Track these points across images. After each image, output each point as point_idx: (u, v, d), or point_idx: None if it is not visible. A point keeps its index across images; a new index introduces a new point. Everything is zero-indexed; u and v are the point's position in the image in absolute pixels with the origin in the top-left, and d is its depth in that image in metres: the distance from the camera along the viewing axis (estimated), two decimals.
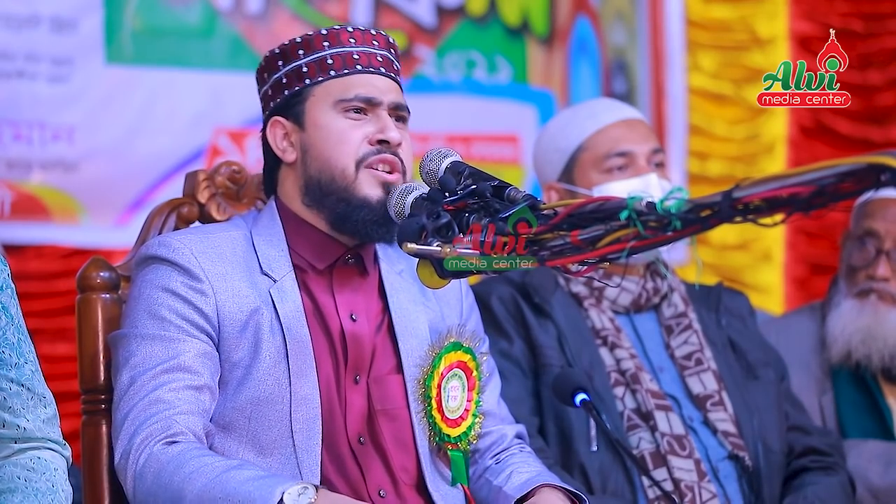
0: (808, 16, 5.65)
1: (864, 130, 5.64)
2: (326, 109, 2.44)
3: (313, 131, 2.45)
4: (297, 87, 2.46)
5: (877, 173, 1.61)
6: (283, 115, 2.48)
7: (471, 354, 2.48)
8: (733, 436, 2.89)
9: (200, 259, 2.40)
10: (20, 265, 4.08)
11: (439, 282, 2.02)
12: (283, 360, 2.37)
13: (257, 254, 2.45)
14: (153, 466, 2.26)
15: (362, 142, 2.43)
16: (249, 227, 2.49)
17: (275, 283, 2.42)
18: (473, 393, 2.48)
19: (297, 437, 2.36)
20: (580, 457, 2.82)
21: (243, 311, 2.39)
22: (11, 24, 4.17)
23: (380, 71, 2.47)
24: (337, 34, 2.46)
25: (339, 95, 2.44)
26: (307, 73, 2.46)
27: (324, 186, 2.43)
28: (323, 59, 2.45)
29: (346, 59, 2.45)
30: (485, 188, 2.06)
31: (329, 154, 2.43)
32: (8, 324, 2.19)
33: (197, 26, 4.42)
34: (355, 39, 2.46)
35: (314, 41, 2.46)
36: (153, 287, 2.40)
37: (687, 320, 3.02)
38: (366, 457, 2.40)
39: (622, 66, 5.41)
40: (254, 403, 2.37)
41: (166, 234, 2.50)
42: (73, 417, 2.65)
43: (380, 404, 2.43)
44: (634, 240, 1.76)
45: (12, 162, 4.19)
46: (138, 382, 2.33)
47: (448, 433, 2.44)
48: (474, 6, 4.98)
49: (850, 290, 3.36)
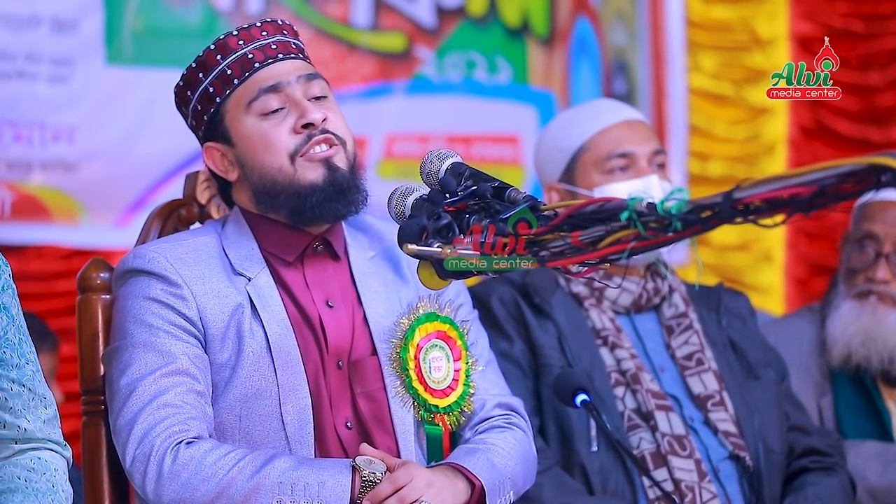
0: (809, 16, 5.65)
1: (865, 131, 5.64)
2: (243, 119, 2.44)
3: (241, 144, 2.45)
4: (211, 109, 2.47)
5: (877, 174, 1.61)
6: (212, 140, 2.49)
7: (450, 324, 2.47)
8: (734, 436, 2.89)
9: (176, 265, 2.41)
10: (20, 266, 4.08)
11: (440, 282, 2.02)
12: (266, 354, 2.38)
13: (228, 257, 2.46)
14: (188, 465, 2.28)
15: (289, 136, 2.42)
16: (218, 232, 2.51)
17: (250, 281, 2.43)
18: (461, 362, 2.47)
19: (290, 428, 2.37)
20: (580, 457, 2.82)
21: (225, 312, 2.40)
22: (12, 25, 4.17)
23: (277, 58, 2.46)
24: (225, 43, 2.45)
25: (247, 98, 2.43)
26: (214, 92, 2.46)
27: (270, 190, 2.44)
28: (222, 72, 2.45)
29: (242, 63, 2.44)
30: (485, 189, 2.06)
31: (262, 159, 2.43)
32: (9, 324, 2.19)
33: (197, 27, 4.43)
34: (244, 40, 2.45)
35: (208, 59, 2.46)
36: (135, 298, 2.41)
37: (687, 320, 3.02)
38: (352, 442, 2.41)
39: (622, 67, 5.41)
40: (242, 401, 2.38)
41: (140, 247, 2.51)
42: (73, 418, 2.65)
43: (360, 386, 2.44)
44: (635, 240, 1.76)
45: (13, 162, 4.19)
46: (140, 388, 2.34)
47: (435, 404, 2.43)
48: (474, 7, 4.98)
49: (850, 292, 3.35)
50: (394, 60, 4.83)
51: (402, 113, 4.87)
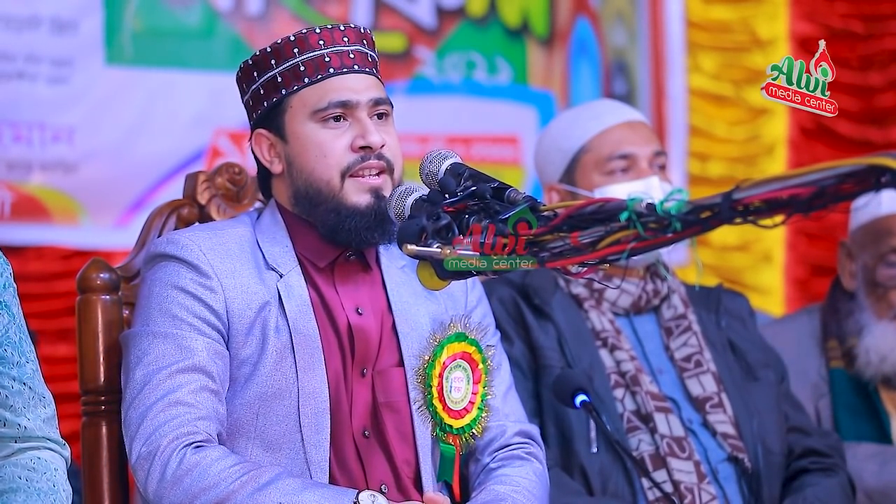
0: (809, 17, 5.65)
1: (865, 132, 5.64)
2: (304, 121, 2.42)
3: (295, 144, 2.43)
4: (274, 99, 2.44)
5: (877, 175, 1.61)
6: (266, 127, 2.47)
7: (475, 346, 2.46)
8: (733, 437, 2.89)
9: (209, 255, 2.40)
10: (20, 266, 4.08)
11: (439, 283, 2.02)
12: (289, 354, 2.38)
13: (262, 250, 2.44)
14: (192, 471, 2.26)
15: (345, 151, 2.41)
16: (252, 224, 2.50)
17: (281, 278, 2.42)
18: (479, 386, 2.45)
19: (306, 431, 2.36)
20: (580, 458, 2.82)
21: (252, 308, 2.39)
22: (12, 25, 4.17)
23: (353, 69, 2.43)
24: (305, 38, 2.42)
25: (314, 105, 2.41)
26: (282, 83, 2.43)
27: (312, 198, 2.43)
28: (295, 66, 2.42)
29: (317, 64, 2.41)
30: (485, 189, 2.06)
31: (313, 167, 2.42)
32: (10, 322, 2.19)
33: (197, 27, 4.42)
34: (324, 40, 2.42)
35: (284, 49, 2.42)
36: (163, 285, 2.39)
37: (686, 322, 3.02)
38: (369, 451, 2.41)
39: (622, 67, 5.41)
40: (261, 399, 2.37)
41: (175, 232, 2.50)
42: (73, 418, 2.65)
43: (383, 396, 2.43)
44: (634, 241, 1.76)
45: (12, 163, 4.19)
46: (153, 381, 2.33)
47: (450, 424, 2.41)
48: (474, 7, 4.98)
49: (883, 312, 3.29)
50: (394, 61, 4.83)
51: (402, 113, 4.82)
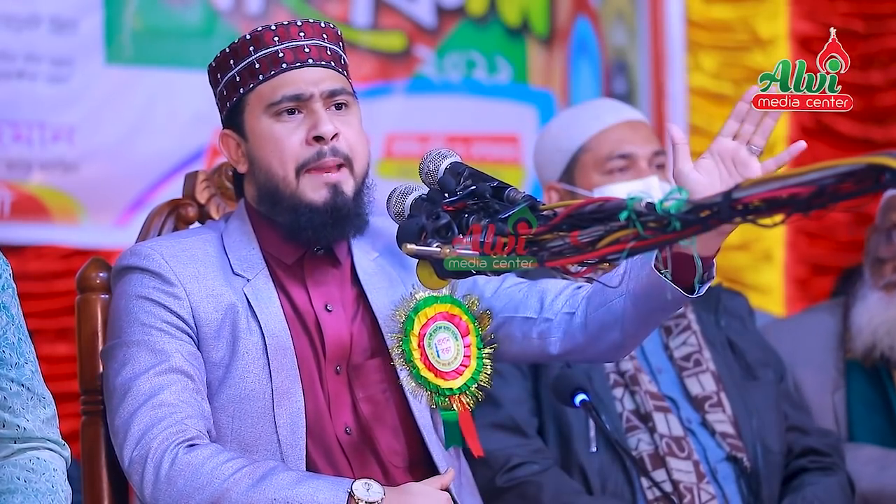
0: (809, 16, 5.64)
1: (866, 130, 5.64)
2: (260, 116, 2.42)
3: (254, 141, 2.43)
4: (234, 98, 2.44)
5: (876, 174, 1.61)
6: (230, 127, 2.47)
7: (450, 302, 2.42)
8: (732, 437, 2.89)
9: (171, 263, 2.41)
10: (20, 266, 4.08)
11: (439, 282, 2.02)
12: (262, 356, 2.38)
13: (228, 256, 2.45)
14: (184, 471, 2.27)
15: (300, 146, 2.39)
16: (221, 230, 2.50)
17: (248, 282, 2.42)
18: (471, 337, 2.42)
19: (282, 431, 2.37)
20: (579, 457, 2.82)
21: (218, 311, 2.40)
22: (11, 25, 4.16)
23: (307, 63, 2.41)
24: (260, 36, 2.41)
25: (268, 100, 2.40)
26: (240, 81, 2.43)
27: (272, 195, 2.42)
28: (251, 64, 2.42)
29: (271, 60, 2.41)
30: (484, 189, 2.06)
31: (270, 163, 2.41)
32: (8, 323, 2.19)
33: (197, 26, 4.42)
34: (279, 37, 2.41)
35: (241, 48, 2.42)
36: (129, 297, 2.41)
37: (686, 321, 3.02)
38: (354, 447, 2.40)
39: (622, 67, 5.41)
40: (235, 401, 2.38)
41: (136, 244, 2.51)
42: (72, 418, 2.65)
43: (361, 391, 2.43)
44: (634, 241, 1.76)
45: (12, 162, 4.18)
46: (135, 387, 2.34)
47: (449, 386, 2.37)
48: (474, 6, 4.98)
49: (877, 283, 3.33)
50: (394, 60, 4.83)
51: (402, 113, 4.86)
